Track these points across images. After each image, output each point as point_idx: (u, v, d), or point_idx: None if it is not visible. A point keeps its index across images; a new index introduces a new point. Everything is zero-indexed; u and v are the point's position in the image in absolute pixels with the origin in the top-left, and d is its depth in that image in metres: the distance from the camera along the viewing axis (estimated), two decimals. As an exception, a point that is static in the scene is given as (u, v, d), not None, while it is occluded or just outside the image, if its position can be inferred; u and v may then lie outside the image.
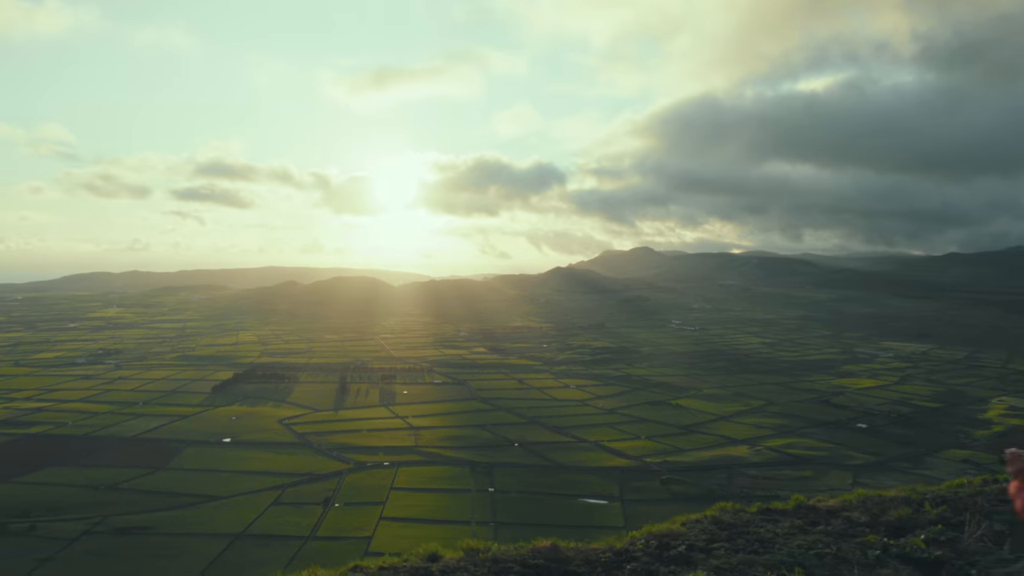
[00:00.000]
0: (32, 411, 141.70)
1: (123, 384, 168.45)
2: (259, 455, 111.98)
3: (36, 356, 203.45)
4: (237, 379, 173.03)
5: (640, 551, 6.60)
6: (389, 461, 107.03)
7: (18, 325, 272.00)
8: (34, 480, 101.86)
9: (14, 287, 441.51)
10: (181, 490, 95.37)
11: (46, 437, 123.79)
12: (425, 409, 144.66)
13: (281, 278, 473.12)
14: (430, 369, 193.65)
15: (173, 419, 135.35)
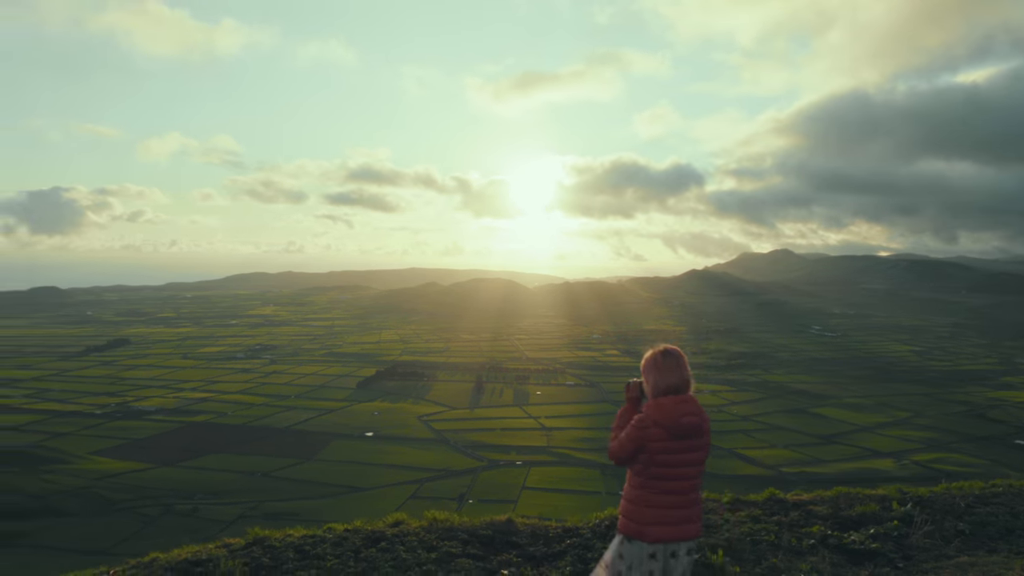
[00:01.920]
0: (197, 401, 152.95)
1: (277, 378, 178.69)
2: (399, 449, 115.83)
3: (201, 350, 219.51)
4: (379, 376, 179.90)
5: (589, 529, 6.81)
6: (522, 460, 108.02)
7: (187, 321, 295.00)
8: (197, 465, 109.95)
9: (184, 286, 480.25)
10: (327, 480, 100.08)
11: (208, 425, 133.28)
12: (557, 410, 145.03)
13: (422, 279, 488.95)
14: (563, 370, 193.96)
15: (321, 412, 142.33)
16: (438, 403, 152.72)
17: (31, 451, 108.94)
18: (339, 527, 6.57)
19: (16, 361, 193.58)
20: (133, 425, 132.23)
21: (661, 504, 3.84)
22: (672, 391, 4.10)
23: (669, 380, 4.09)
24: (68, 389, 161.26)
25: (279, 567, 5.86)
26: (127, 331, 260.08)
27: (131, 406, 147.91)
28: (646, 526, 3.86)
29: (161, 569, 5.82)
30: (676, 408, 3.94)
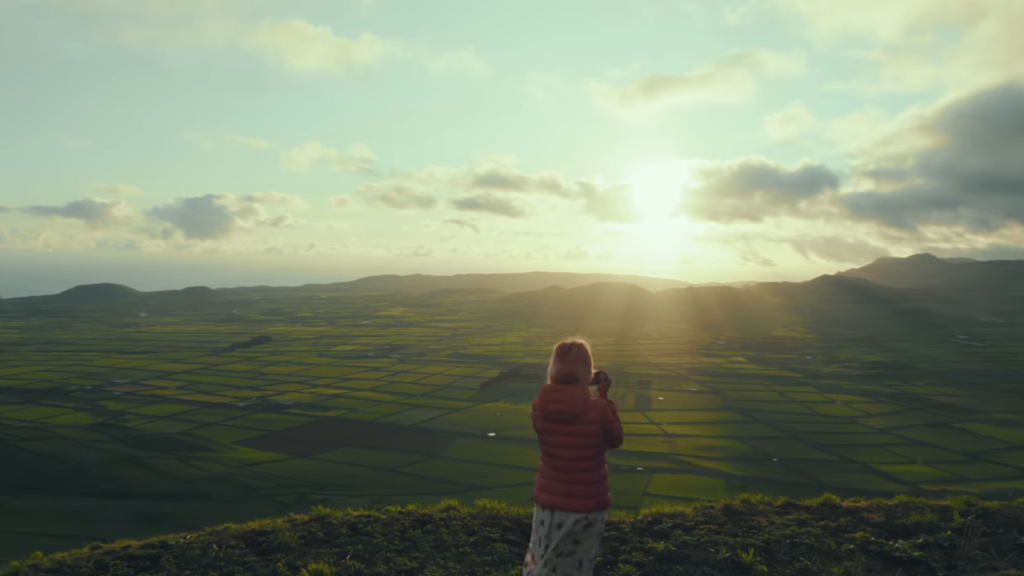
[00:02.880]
0: (330, 397, 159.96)
1: (404, 377, 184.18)
2: (521, 450, 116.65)
3: (335, 348, 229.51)
4: (502, 377, 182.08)
5: (630, 525, 6.90)
6: (642, 467, 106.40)
7: (322, 321, 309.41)
8: (330, 458, 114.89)
9: (320, 287, 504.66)
10: (450, 478, 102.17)
11: (340, 420, 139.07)
12: (680, 417, 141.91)
13: (545, 283, 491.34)
14: (686, 376, 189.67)
15: (446, 411, 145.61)
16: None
17: (182, 438, 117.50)
18: (393, 509, 7.12)
19: (170, 355, 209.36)
20: (272, 418, 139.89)
21: (547, 475, 4.51)
22: (555, 380, 4.51)
23: (553, 370, 4.55)
24: (215, 382, 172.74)
25: (331, 540, 6.32)
26: (268, 329, 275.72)
27: (271, 400, 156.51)
28: (537, 491, 4.54)
29: (230, 536, 6.49)
30: (548, 395, 4.44)
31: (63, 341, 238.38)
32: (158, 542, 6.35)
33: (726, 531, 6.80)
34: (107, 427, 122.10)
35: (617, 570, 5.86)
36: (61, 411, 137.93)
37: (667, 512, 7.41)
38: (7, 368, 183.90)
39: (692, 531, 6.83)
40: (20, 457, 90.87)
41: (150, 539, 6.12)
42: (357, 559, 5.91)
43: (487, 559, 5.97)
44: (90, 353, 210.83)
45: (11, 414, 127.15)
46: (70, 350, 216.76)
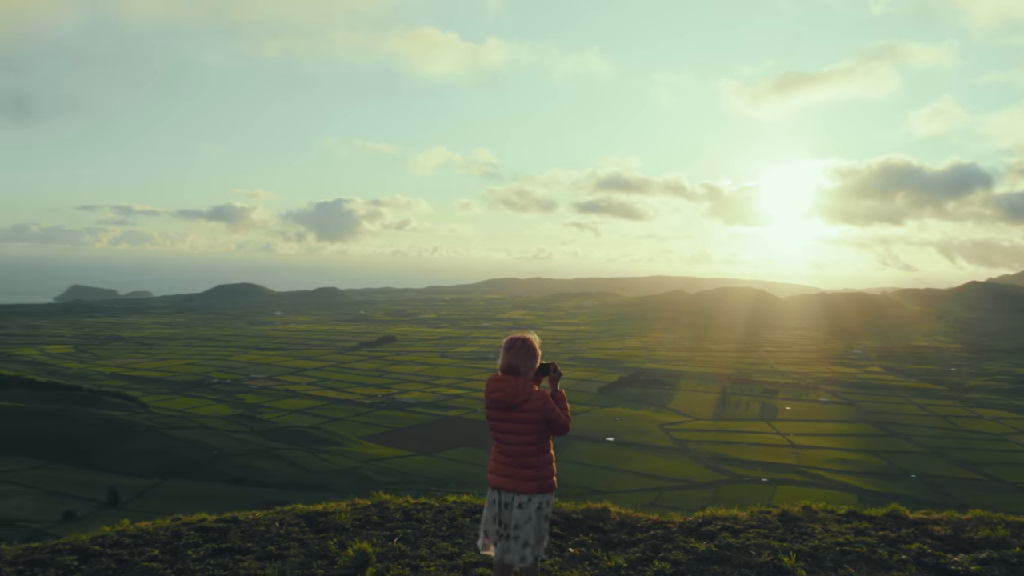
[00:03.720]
0: (451, 397, 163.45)
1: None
2: (639, 456, 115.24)
3: (457, 349, 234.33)
4: (621, 382, 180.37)
5: (678, 525, 6.90)
6: (767, 478, 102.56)
7: (445, 322, 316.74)
8: (450, 456, 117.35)
9: (443, 289, 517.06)
10: (567, 481, 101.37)
11: (461, 420, 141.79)
12: (808, 427, 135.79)
13: (667, 287, 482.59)
14: (816, 386, 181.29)
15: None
16: (680, 412, 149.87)
17: (312, 432, 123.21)
18: (450, 498, 7.40)
19: (302, 352, 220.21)
20: (396, 415, 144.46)
21: (496, 458, 4.79)
22: (502, 370, 4.70)
23: (500, 361, 4.73)
24: (343, 379, 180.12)
25: (383, 524, 6.71)
26: (393, 329, 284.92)
27: (395, 398, 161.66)
28: (489, 473, 4.87)
29: (294, 515, 6.94)
30: (492, 384, 4.65)
31: (206, 337, 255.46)
32: (230, 517, 6.80)
33: (776, 536, 6.64)
34: (244, 419, 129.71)
35: (651, 567, 5.84)
36: (204, 402, 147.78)
37: (720, 515, 7.26)
38: (158, 361, 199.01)
39: (740, 534, 6.70)
40: (168, 444, 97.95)
41: (224, 514, 6.63)
42: (404, 542, 6.21)
43: None
44: (230, 349, 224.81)
45: (161, 404, 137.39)
46: (212, 345, 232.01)
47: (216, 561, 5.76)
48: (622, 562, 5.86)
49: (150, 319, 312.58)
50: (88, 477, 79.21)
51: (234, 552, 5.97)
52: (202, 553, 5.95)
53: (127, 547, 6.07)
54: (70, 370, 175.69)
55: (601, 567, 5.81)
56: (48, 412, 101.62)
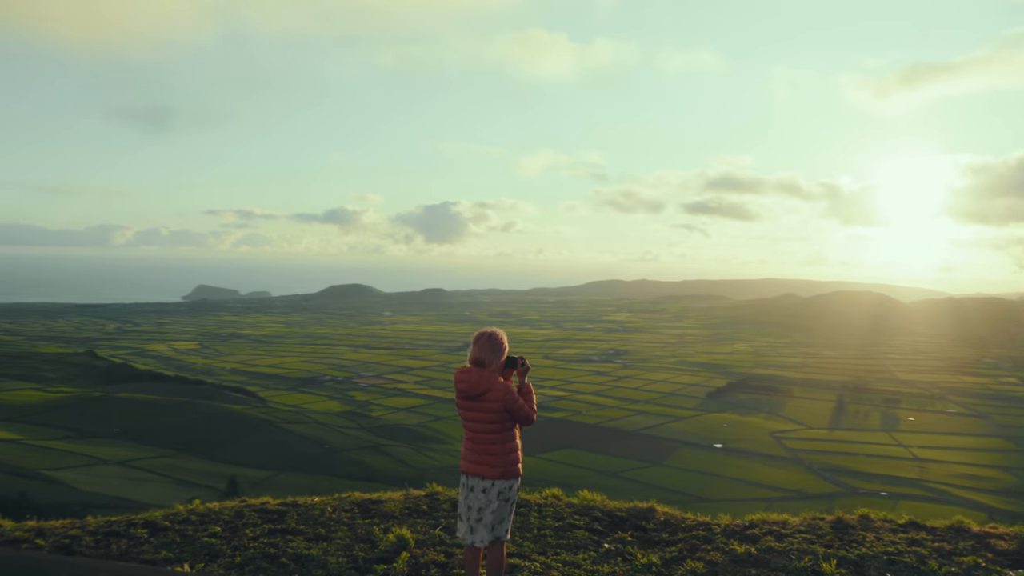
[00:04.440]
0: (555, 399, 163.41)
1: (628, 383, 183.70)
2: (748, 464, 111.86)
3: (560, 351, 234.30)
4: (730, 387, 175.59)
5: (722, 528, 6.78)
6: (887, 492, 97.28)
7: (548, 323, 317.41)
8: (553, 458, 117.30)
9: (547, 291, 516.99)
10: (673, 487, 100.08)
11: (564, 422, 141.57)
12: (934, 440, 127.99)
13: (780, 290, 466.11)
14: (942, 396, 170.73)
15: (670, 419, 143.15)
16: (793, 420, 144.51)
17: (418, 430, 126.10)
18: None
19: (410, 352, 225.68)
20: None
21: (466, 444, 5.12)
22: (469, 362, 5.01)
23: (468, 354, 5.04)
24: (449, 379, 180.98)
25: (431, 513, 6.96)
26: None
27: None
28: (460, 458, 5.20)
29: (349, 502, 7.26)
30: (459, 375, 4.96)
31: (319, 335, 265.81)
32: (291, 501, 7.24)
33: (823, 542, 6.40)
34: (355, 415, 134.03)
35: (684, 566, 5.77)
36: (317, 398, 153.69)
37: (771, 519, 7.01)
38: (275, 358, 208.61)
39: (785, 539, 6.48)
40: (284, 438, 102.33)
41: (286, 498, 6.95)
42: (446, 531, 6.45)
43: (562, 542, 6.22)
44: (342, 347, 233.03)
45: (277, 399, 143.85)
46: (325, 344, 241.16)
47: (269, 540, 6.11)
48: (655, 560, 5.85)
49: (268, 318, 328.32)
50: (210, 467, 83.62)
51: (287, 533, 6.30)
52: (258, 532, 6.30)
53: (193, 524, 6.51)
54: (195, 365, 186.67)
55: (634, 564, 5.82)
56: (175, 405, 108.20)
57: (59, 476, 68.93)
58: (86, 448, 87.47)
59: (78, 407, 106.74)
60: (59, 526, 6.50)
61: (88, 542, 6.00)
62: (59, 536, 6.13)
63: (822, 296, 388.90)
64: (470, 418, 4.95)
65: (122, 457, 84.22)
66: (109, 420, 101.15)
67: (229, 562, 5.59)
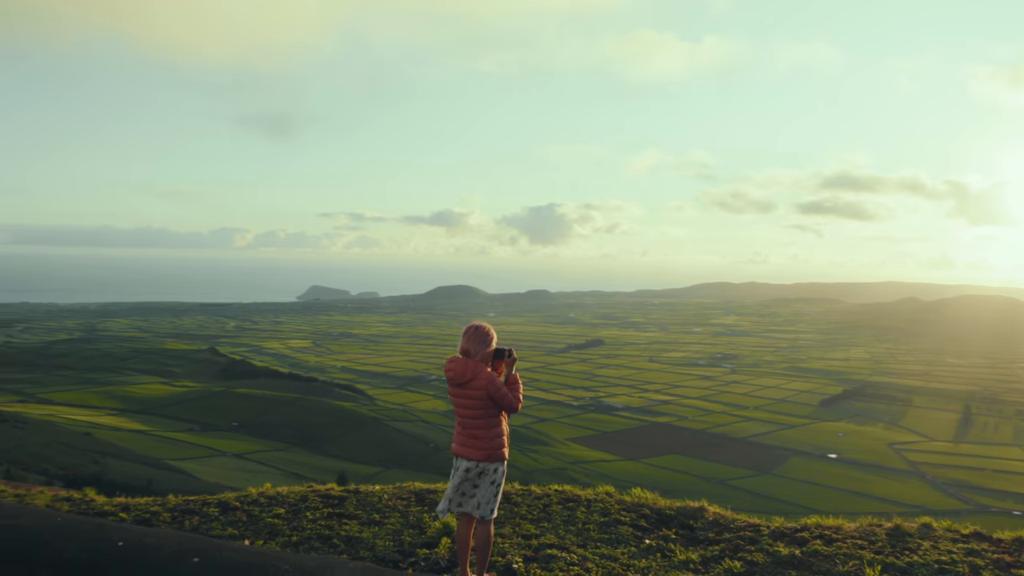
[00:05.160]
0: (660, 402, 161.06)
1: (736, 388, 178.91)
2: (864, 476, 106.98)
3: (665, 355, 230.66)
4: (845, 395, 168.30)
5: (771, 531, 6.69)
6: (1021, 511, 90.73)
7: (653, 326, 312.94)
8: (658, 463, 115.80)
9: (652, 293, 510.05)
10: (782, 497, 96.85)
11: (669, 427, 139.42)
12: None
13: (900, 294, 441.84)
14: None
15: (780, 427, 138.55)
16: (914, 431, 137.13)
17: (521, 431, 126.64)
18: (553, 487, 7.69)
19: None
20: (603, 419, 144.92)
21: (456, 428, 5.30)
22: (460, 352, 5.24)
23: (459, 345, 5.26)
24: (552, 381, 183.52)
25: None
26: (602, 332, 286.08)
27: (602, 401, 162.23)
28: (452, 441, 5.39)
29: (407, 491, 7.59)
30: (448, 364, 5.18)
31: (426, 335, 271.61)
32: (353, 488, 7.62)
33: (874, 549, 6.25)
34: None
35: (722, 564, 5.78)
36: (423, 397, 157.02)
37: (826, 523, 6.88)
38: (382, 357, 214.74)
39: (834, 543, 6.33)
40: (390, 435, 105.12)
41: (349, 486, 7.33)
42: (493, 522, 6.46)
43: (604, 536, 6.32)
44: (447, 347, 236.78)
45: (385, 397, 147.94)
46: (431, 344, 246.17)
47: (326, 522, 6.50)
48: (694, 557, 5.87)
49: (377, 317, 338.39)
50: (321, 462, 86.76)
51: (344, 517, 6.66)
52: (317, 515, 6.69)
53: (260, 505, 6.99)
54: (308, 363, 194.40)
55: (672, 560, 5.86)
56: (289, 400, 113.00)
57: (182, 466, 73.19)
58: (207, 440, 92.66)
59: (200, 401, 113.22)
60: (143, 503, 7.09)
61: (165, 517, 6.52)
62: (141, 511, 6.69)
63: (946, 300, 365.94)
64: (459, 404, 5.19)
65: (239, 450, 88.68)
66: (228, 414, 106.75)
67: (286, 540, 5.99)
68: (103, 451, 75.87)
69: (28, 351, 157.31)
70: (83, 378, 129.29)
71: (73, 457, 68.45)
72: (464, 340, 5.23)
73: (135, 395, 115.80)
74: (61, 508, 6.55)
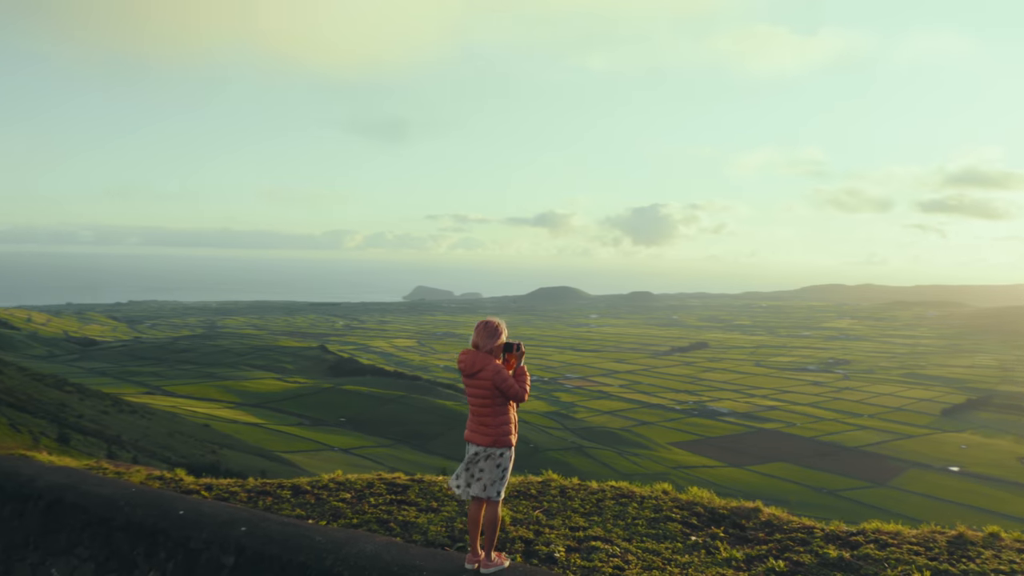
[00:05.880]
0: (767, 408, 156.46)
1: (849, 395, 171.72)
2: (990, 491, 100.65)
3: (773, 359, 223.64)
4: (970, 405, 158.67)
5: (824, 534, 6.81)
6: None
7: (761, 330, 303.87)
8: (763, 470, 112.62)
9: (760, 295, 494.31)
10: (898, 511, 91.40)
11: (776, 434, 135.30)
12: None
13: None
14: None
15: (897, 436, 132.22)
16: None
17: (622, 434, 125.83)
18: (611, 483, 7.87)
19: (615, 355, 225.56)
20: (707, 423, 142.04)
21: (469, 415, 5.67)
22: (472, 346, 5.62)
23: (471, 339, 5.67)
24: (654, 384, 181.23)
25: (538, 497, 7.35)
26: (707, 335, 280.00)
27: (706, 406, 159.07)
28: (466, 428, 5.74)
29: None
30: (460, 356, 5.61)
31: (526, 336, 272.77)
32: (418, 477, 7.94)
33: (929, 556, 6.05)
34: (559, 416, 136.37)
35: (765, 563, 5.77)
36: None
37: (886, 529, 6.75)
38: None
39: (887, 547, 6.21)
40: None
41: (414, 475, 7.96)
42: (545, 514, 6.85)
43: (652, 532, 6.39)
44: (548, 348, 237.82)
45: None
46: (532, 344, 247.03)
47: (387, 508, 6.90)
48: (738, 555, 5.90)
49: (479, 318, 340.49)
50: (424, 459, 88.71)
51: (404, 503, 7.05)
52: (380, 501, 7.10)
53: (330, 490, 7.43)
54: (412, 362, 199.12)
55: (716, 557, 5.90)
56: (394, 398, 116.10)
57: (292, 459, 76.36)
58: (316, 435, 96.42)
59: (310, 397, 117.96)
60: (225, 483, 7.67)
61: (242, 496, 7.12)
62: (222, 490, 7.31)
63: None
64: (469, 393, 5.55)
65: (346, 444, 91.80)
66: (336, 410, 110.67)
67: (347, 523, 6.39)
68: (220, 442, 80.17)
69: (155, 346, 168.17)
70: (204, 372, 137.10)
71: (193, 447, 72.61)
72: (475, 334, 5.63)
73: (250, 390, 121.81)
74: (152, 485, 7.20)
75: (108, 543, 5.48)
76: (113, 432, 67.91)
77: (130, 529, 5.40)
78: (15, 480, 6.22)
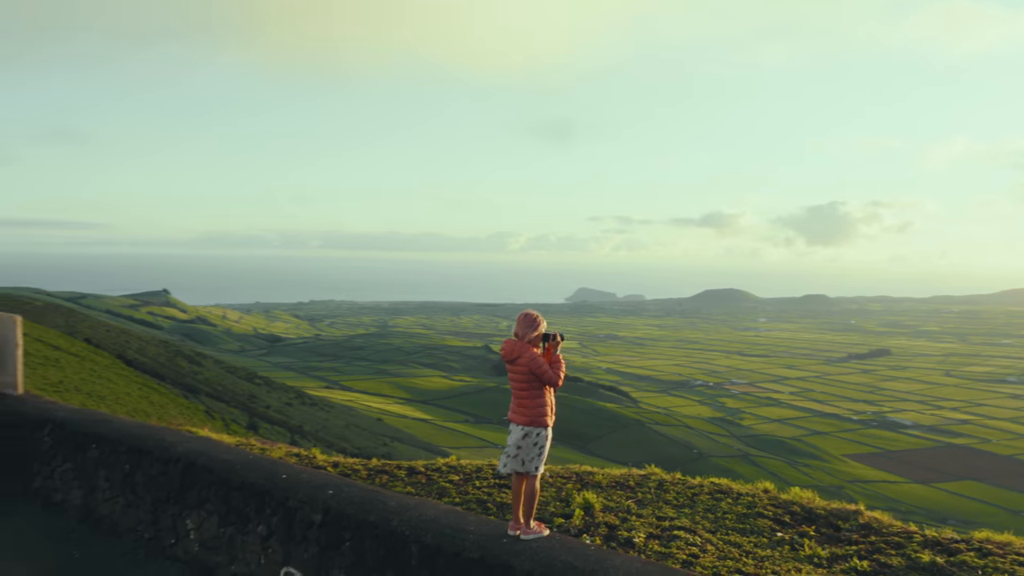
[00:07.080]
0: (957, 422, 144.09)
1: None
2: None
3: (965, 369, 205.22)
4: None
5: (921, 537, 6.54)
6: None
7: (951, 337, 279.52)
8: (952, 488, 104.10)
9: (950, 299, 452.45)
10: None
11: (968, 450, 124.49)
12: None
13: None
14: None
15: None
16: None
17: (792, 443, 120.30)
18: (711, 479, 7.85)
19: (786, 361, 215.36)
20: (887, 436, 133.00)
21: (512, 398, 6.04)
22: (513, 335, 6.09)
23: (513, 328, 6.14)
24: (828, 392, 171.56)
25: (634, 488, 7.52)
26: (888, 342, 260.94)
27: (887, 417, 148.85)
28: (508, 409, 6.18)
29: (571, 472, 8.14)
30: (503, 344, 6.08)
31: (691, 340, 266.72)
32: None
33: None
34: (724, 422, 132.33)
35: (849, 563, 5.69)
36: (687, 403, 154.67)
37: (996, 539, 6.28)
38: (647, 360, 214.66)
39: (989, 556, 5.79)
40: (653, 438, 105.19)
41: None
42: (637, 503, 6.99)
43: (740, 526, 6.42)
44: (713, 352, 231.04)
45: (648, 400, 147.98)
46: (697, 348, 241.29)
47: (488, 491, 7.31)
48: (822, 553, 5.84)
49: (642, 320, 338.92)
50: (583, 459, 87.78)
51: (506, 487, 7.40)
52: (484, 484, 7.53)
53: (441, 472, 7.95)
54: (574, 363, 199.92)
55: (799, 554, 5.88)
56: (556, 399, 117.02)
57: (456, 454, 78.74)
58: (480, 432, 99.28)
59: (475, 395, 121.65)
60: (350, 462, 8.36)
61: (363, 474, 7.85)
62: (346, 468, 8.02)
63: None
64: (510, 378, 6.01)
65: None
66: (500, 409, 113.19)
67: (451, 501, 6.92)
68: (392, 435, 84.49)
69: (333, 343, 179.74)
70: (377, 369, 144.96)
71: (367, 439, 76.93)
72: (517, 325, 6.10)
73: (419, 387, 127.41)
74: (289, 460, 8.04)
75: (227, 500, 6.60)
76: (296, 423, 73.36)
77: (244, 489, 6.52)
78: (161, 445, 7.40)
